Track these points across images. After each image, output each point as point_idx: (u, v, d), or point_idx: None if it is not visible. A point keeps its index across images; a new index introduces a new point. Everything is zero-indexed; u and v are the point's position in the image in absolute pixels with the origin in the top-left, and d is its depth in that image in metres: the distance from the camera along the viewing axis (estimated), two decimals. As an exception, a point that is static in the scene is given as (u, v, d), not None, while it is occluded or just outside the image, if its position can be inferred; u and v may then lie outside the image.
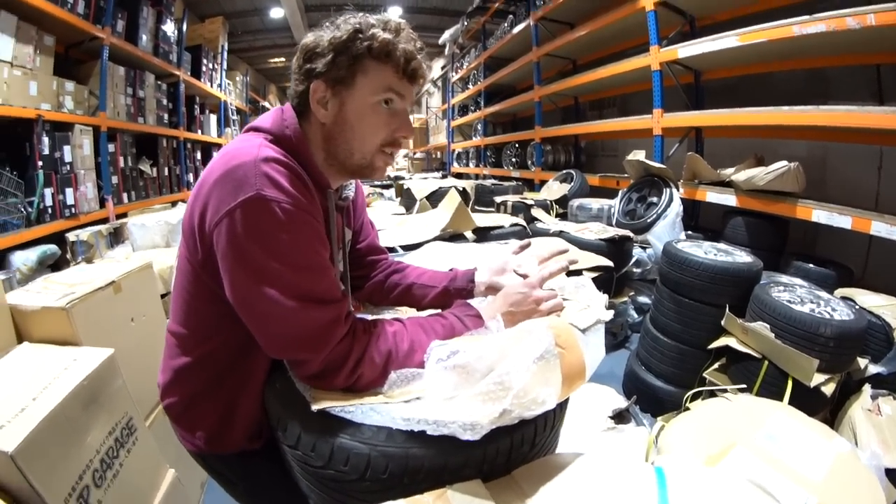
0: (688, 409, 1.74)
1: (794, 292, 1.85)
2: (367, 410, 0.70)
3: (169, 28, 5.51)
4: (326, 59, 0.79)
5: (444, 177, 6.85)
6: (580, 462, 0.75)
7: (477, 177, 7.69)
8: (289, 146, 0.79)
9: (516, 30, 6.12)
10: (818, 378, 1.55)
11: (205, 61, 6.97)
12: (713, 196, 3.00)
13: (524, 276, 0.98)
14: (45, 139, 3.42)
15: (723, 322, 1.91)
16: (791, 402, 1.51)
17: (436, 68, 13.13)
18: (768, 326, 1.68)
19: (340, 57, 0.78)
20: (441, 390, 0.70)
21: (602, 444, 1.63)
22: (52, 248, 3.18)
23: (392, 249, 2.40)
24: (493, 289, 1.02)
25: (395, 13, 9.58)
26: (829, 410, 1.66)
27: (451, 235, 2.78)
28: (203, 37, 6.90)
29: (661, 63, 3.46)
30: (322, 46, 0.79)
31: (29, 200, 3.26)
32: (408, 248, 2.45)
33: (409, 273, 1.13)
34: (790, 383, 1.60)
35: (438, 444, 0.66)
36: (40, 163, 3.33)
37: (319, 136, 0.84)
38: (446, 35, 9.05)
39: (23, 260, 2.93)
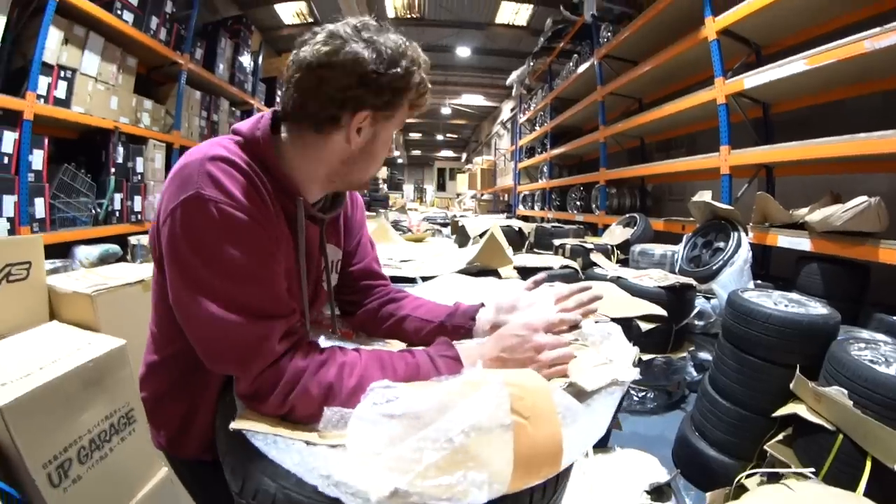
0: (743, 487, 1.50)
1: (877, 350, 1.55)
2: (280, 444, 0.60)
3: (245, 59, 5.86)
4: (372, 89, 0.75)
5: (507, 218, 6.83)
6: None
7: (542, 220, 7.61)
8: (255, 149, 0.77)
9: (581, 69, 6.13)
10: (906, 459, 1.26)
11: (279, 92, 7.34)
12: (785, 240, 2.73)
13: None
14: (120, 149, 3.72)
15: (791, 385, 1.63)
16: (868, 488, 1.25)
17: (505, 110, 13.37)
18: (846, 392, 1.39)
19: (390, 94, 0.77)
20: (365, 441, 0.57)
21: None
22: (114, 247, 3.37)
23: (412, 280, 2.34)
24: (497, 328, 0.90)
25: (463, 53, 9.90)
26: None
27: (481, 271, 2.61)
28: (278, 69, 7.30)
29: (727, 95, 3.28)
30: (386, 79, 0.75)
31: (99, 202, 3.52)
32: (427, 279, 2.36)
33: (405, 304, 1.04)
34: (869, 464, 1.30)
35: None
36: (113, 169, 3.62)
37: (331, 157, 0.81)
38: (513, 76, 9.20)
39: (85, 254, 3.12)
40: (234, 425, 0.62)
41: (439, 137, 21.40)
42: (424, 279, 2.32)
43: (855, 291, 2.56)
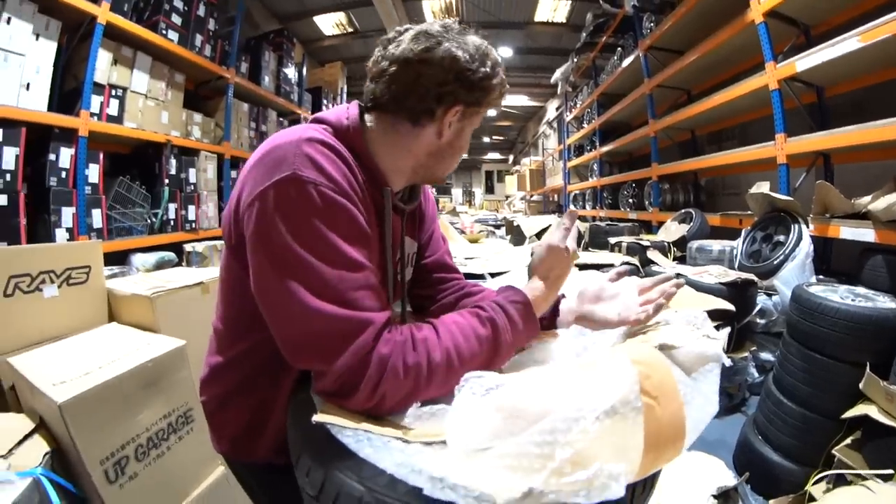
0: (811, 497, 1.41)
1: None
2: (375, 441, 0.54)
3: (290, 71, 6.03)
4: (476, 96, 0.80)
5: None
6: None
7: (594, 219, 7.45)
8: (345, 136, 0.76)
9: (626, 62, 5.95)
10: (983, 463, 1.16)
11: (325, 102, 7.49)
12: (848, 231, 2.55)
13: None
14: (173, 161, 3.91)
15: (861, 385, 1.55)
16: None
17: (550, 109, 13.19)
18: None
19: (479, 93, 0.80)
20: (469, 437, 0.51)
21: None
22: (169, 255, 3.51)
23: (480, 276, 2.32)
24: (583, 319, 0.90)
25: (505, 53, 9.83)
26: None
27: None
28: (323, 80, 7.50)
29: (780, 80, 3.11)
30: (478, 77, 0.78)
31: (153, 212, 3.71)
32: (496, 275, 2.36)
33: (483, 298, 0.99)
34: None
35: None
36: (166, 181, 3.81)
37: (420, 149, 0.83)
38: (557, 74, 9.05)
39: (142, 261, 3.26)
40: (316, 418, 0.57)
41: (486, 140, 21.36)
42: (493, 275, 2.32)
43: (923, 285, 2.36)
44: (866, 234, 2.42)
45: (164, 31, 3.69)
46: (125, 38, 3.35)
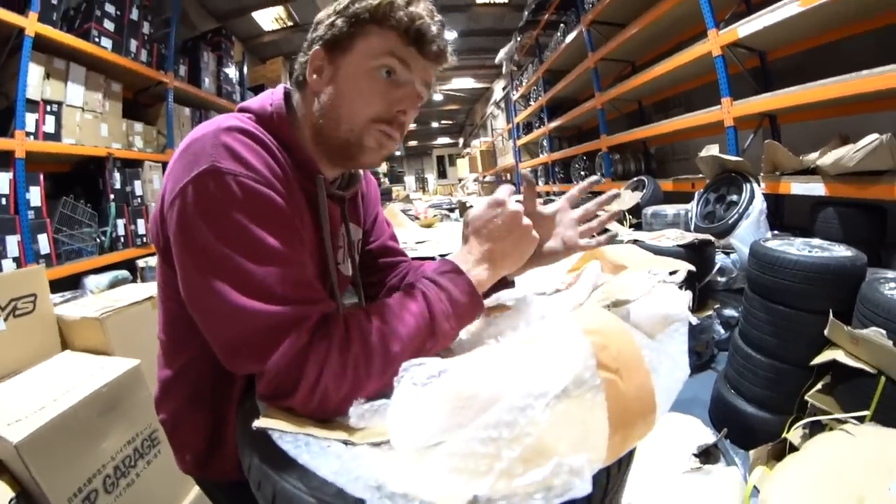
0: (787, 442, 1.45)
1: None
2: (313, 447, 0.50)
3: (230, 70, 5.81)
4: (326, 23, 0.72)
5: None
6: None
7: (547, 194, 7.52)
8: (269, 124, 0.71)
9: (569, 38, 6.01)
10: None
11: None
12: (798, 187, 2.65)
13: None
14: (117, 175, 3.71)
15: (826, 331, 1.61)
16: None
17: (497, 89, 13.23)
18: (884, 332, 1.36)
19: (340, 19, 0.71)
20: (414, 433, 0.46)
21: (684, 491, 1.36)
22: (123, 273, 3.39)
23: (430, 259, 2.28)
24: (532, 260, 0.80)
25: (450, 36, 9.74)
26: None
27: None
28: (265, 77, 7.26)
29: (723, 47, 3.20)
30: (328, 13, 0.73)
31: (102, 230, 3.52)
32: (445, 256, 2.32)
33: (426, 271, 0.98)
34: None
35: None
36: (112, 196, 3.61)
37: (312, 111, 0.75)
38: (501, 54, 9.09)
39: (95, 283, 3.13)
40: (257, 423, 0.52)
41: (434, 125, 21.26)
42: (443, 256, 2.27)
43: (874, 234, 2.49)
44: (816, 188, 2.51)
45: (96, 39, 3.47)
46: (56, 50, 3.13)
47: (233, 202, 0.58)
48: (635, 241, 2.76)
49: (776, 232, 2.91)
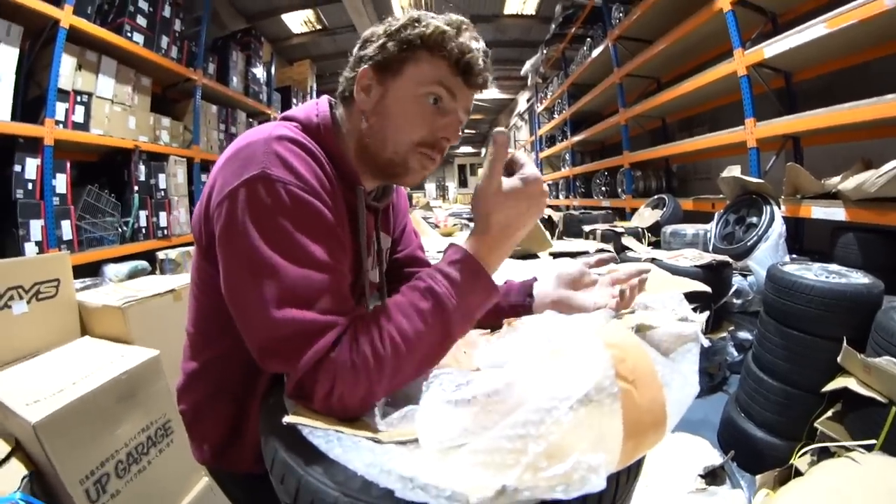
0: (794, 468, 1.43)
1: None
2: (345, 441, 0.51)
3: (258, 70, 5.92)
4: (377, 45, 0.74)
5: None
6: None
7: (567, 208, 7.50)
8: (316, 134, 0.73)
9: (595, 53, 6.00)
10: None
11: (294, 101, 7.38)
12: (819, 211, 2.61)
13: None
14: (142, 167, 3.80)
15: (839, 359, 1.57)
16: None
17: (521, 101, 13.26)
18: None
19: (391, 42, 0.73)
20: (440, 434, 0.49)
21: None
22: (142, 263, 3.45)
23: None
24: (559, 303, 0.84)
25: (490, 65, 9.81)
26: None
27: (523, 257, 2.61)
28: (292, 78, 7.38)
29: (748, 67, 3.17)
30: (377, 34, 0.75)
31: (124, 220, 3.61)
32: None
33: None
34: None
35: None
36: (136, 188, 3.71)
37: (357, 127, 0.78)
38: (527, 66, 9.09)
39: (114, 272, 3.20)
40: (287, 419, 0.54)
41: None
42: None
43: (894, 261, 2.43)
44: (837, 213, 2.47)
45: (128, 34, 3.57)
46: (89, 42, 3.23)
47: (281, 209, 0.61)
48: (653, 260, 2.74)
49: (794, 256, 2.86)
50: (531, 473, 0.42)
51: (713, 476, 1.51)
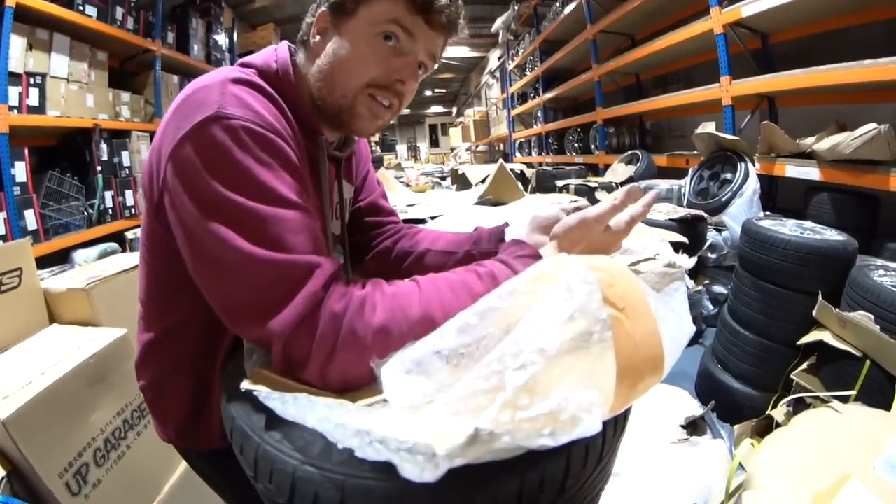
0: (771, 418, 1.47)
1: None
2: (301, 400, 0.45)
3: (220, 37, 5.67)
4: None
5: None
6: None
7: (540, 165, 7.47)
8: (275, 81, 0.67)
9: (568, 9, 5.88)
10: (933, 382, 1.24)
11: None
12: (793, 170, 2.65)
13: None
14: (104, 146, 3.64)
15: (814, 312, 1.61)
16: None
17: (492, 59, 13.02)
18: (871, 317, 1.37)
19: None
20: (412, 389, 0.42)
21: (671, 461, 1.38)
22: (112, 245, 3.37)
23: (421, 221, 2.22)
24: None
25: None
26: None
27: (496, 204, 2.61)
28: (255, 43, 7.05)
29: (725, 25, 3.14)
30: None
31: (90, 203, 3.46)
32: (435, 218, 2.30)
33: (421, 238, 0.93)
34: None
35: (392, 477, 0.38)
36: (99, 168, 3.55)
37: (312, 73, 0.72)
38: (498, 23, 8.86)
39: (84, 257, 3.10)
40: (244, 385, 0.49)
41: (427, 93, 20.82)
42: (433, 218, 2.24)
43: (866, 222, 2.50)
44: (811, 172, 2.51)
45: (80, 7, 3.35)
46: (39, 20, 3.03)
47: (240, 146, 0.55)
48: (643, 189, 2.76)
49: (768, 213, 2.90)
50: (510, 412, 0.35)
51: (694, 426, 1.53)
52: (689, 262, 0.70)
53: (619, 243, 0.71)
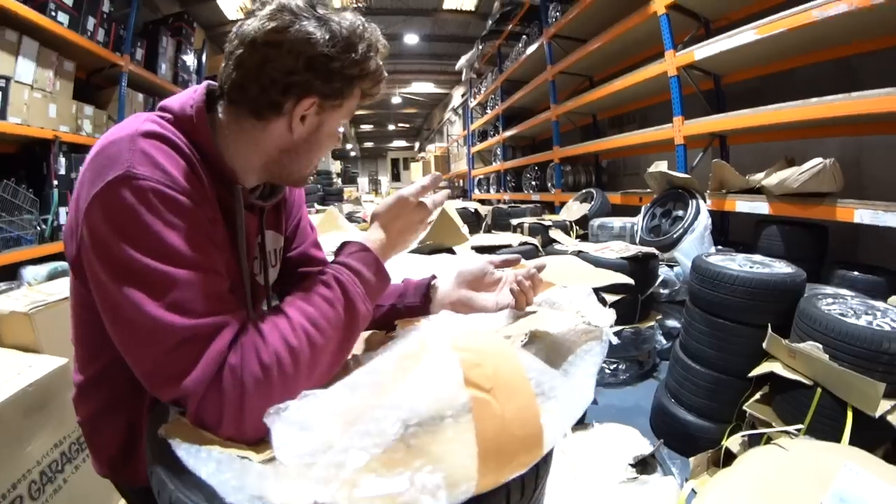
0: (728, 451, 1.50)
1: (844, 304, 1.60)
2: (205, 453, 0.48)
3: (189, 58, 5.60)
4: (335, 86, 0.69)
5: (463, 202, 6.80)
6: None
7: (498, 202, 7.61)
8: (188, 128, 0.67)
9: (530, 50, 6.14)
10: (884, 405, 1.29)
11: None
12: (743, 205, 2.80)
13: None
14: (62, 160, 3.47)
15: (764, 344, 1.66)
16: (851, 437, 1.28)
17: (455, 96, 13.31)
18: (820, 346, 1.43)
19: (349, 86, 0.71)
20: (294, 448, 0.45)
21: (619, 501, 1.38)
22: (63, 265, 3.18)
23: None
24: (459, 304, 0.85)
25: (411, 40, 9.81)
26: (892, 441, 1.37)
27: (434, 251, 2.48)
28: (224, 67, 7.06)
29: (678, 68, 3.33)
30: (337, 64, 0.68)
31: (43, 218, 3.30)
32: None
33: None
34: (850, 414, 1.33)
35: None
36: (56, 182, 3.38)
37: (241, 128, 0.71)
38: (462, 61, 9.14)
39: (33, 274, 2.95)
40: (161, 431, 0.51)
41: (391, 127, 21.16)
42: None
43: (815, 251, 2.64)
44: (761, 206, 2.65)
45: (52, 13, 3.25)
46: (9, 21, 2.92)
47: (150, 209, 0.56)
48: (579, 253, 2.81)
49: (720, 247, 3.04)
50: (348, 488, 0.37)
51: (644, 465, 1.53)
52: (610, 317, 0.74)
53: (428, 217, 0.81)
